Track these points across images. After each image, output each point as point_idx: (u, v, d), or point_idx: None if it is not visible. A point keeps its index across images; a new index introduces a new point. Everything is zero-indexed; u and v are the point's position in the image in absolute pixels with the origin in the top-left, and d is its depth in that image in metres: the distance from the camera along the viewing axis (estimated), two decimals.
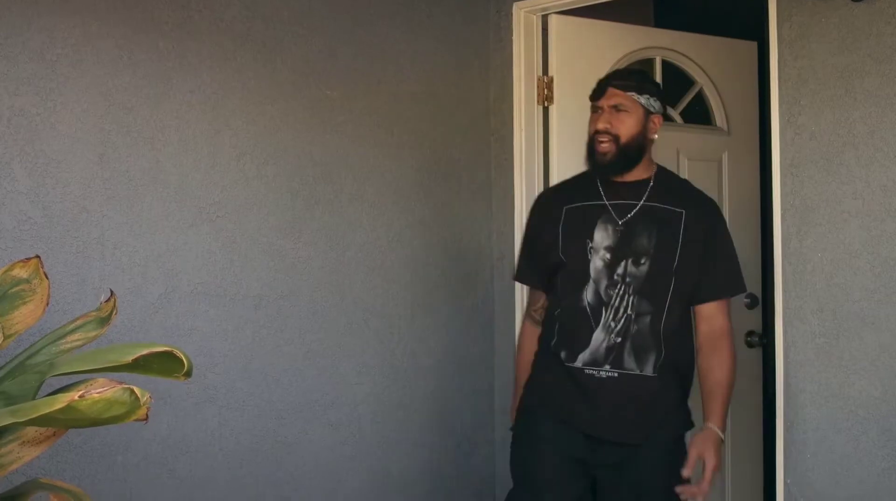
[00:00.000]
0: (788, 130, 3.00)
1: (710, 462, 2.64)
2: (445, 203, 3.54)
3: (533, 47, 3.68)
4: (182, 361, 1.75)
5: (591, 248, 2.73)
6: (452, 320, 3.56)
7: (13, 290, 2.06)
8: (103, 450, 2.66)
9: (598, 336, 2.70)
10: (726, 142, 3.92)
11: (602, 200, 2.77)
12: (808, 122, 2.95)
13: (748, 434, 3.89)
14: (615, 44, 3.69)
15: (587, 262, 2.72)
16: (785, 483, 2.99)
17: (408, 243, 3.42)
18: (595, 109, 2.77)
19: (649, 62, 3.84)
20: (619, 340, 2.69)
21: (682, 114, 3.90)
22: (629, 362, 2.68)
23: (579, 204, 2.80)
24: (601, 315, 2.70)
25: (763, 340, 3.87)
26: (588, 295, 2.72)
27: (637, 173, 2.77)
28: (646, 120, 2.75)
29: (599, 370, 2.69)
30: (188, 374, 1.78)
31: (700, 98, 3.92)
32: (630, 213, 2.73)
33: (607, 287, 2.70)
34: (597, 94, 2.78)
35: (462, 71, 3.63)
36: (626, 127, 2.72)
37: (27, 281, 2.09)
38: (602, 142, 2.72)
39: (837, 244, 2.89)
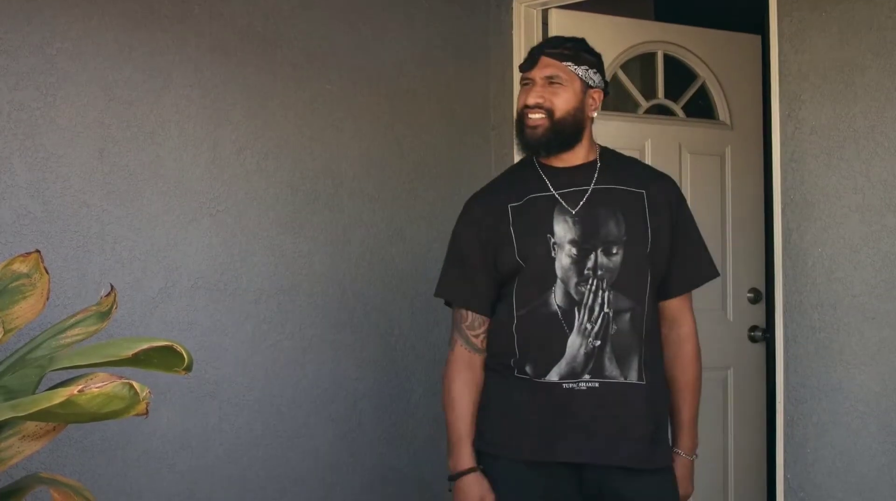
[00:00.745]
0: (789, 125, 2.99)
1: (682, 491, 2.44)
2: (445, 198, 3.54)
3: (533, 42, 3.66)
4: (182, 355, 1.76)
5: (555, 243, 2.36)
6: None
7: (13, 284, 2.07)
8: (104, 445, 2.67)
9: (574, 342, 2.32)
10: (729, 136, 3.91)
11: (549, 190, 2.41)
12: (809, 116, 2.95)
13: (751, 429, 3.89)
14: (616, 38, 3.68)
15: (552, 260, 2.35)
16: (785, 477, 2.99)
17: (408, 237, 3.42)
18: (525, 82, 2.43)
19: (651, 56, 3.84)
20: (599, 343, 2.32)
21: (684, 108, 3.89)
22: (610, 368, 2.32)
23: (526, 198, 2.42)
24: (574, 317, 2.33)
25: (766, 335, 3.87)
26: (557, 297, 2.34)
27: (579, 156, 2.43)
28: (584, 95, 2.40)
29: (578, 382, 2.31)
30: (188, 369, 1.78)
31: (703, 92, 3.92)
32: (581, 200, 2.39)
33: (577, 284, 2.33)
34: (528, 63, 2.43)
35: (462, 66, 3.62)
36: (562, 100, 2.37)
37: (27, 276, 2.09)
38: (532, 116, 2.38)
39: (838, 239, 2.89)
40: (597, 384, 2.32)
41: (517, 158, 3.66)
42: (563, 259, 2.35)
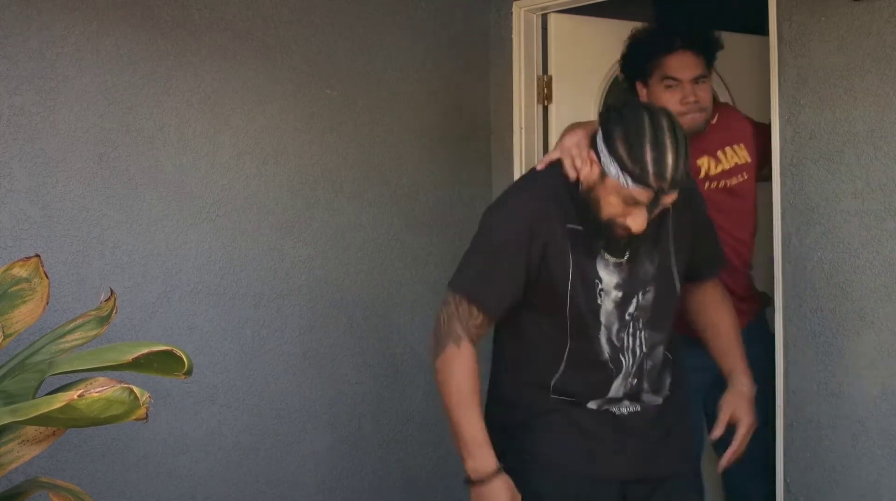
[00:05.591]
0: (788, 129, 2.99)
1: (746, 422, 2.40)
2: (445, 202, 3.54)
3: (533, 46, 3.67)
4: (182, 360, 1.76)
5: (602, 290, 2.17)
6: None
7: (13, 289, 2.07)
8: (103, 449, 2.66)
9: (617, 383, 2.23)
10: None
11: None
12: (808, 121, 2.95)
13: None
14: (617, 42, 3.67)
15: (598, 306, 2.18)
16: (785, 481, 2.99)
17: (407, 242, 3.42)
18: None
19: None
20: (636, 381, 2.23)
21: None
22: (647, 396, 2.26)
23: (577, 226, 2.17)
24: (622, 364, 2.21)
25: None
26: (603, 343, 2.20)
27: None
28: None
29: (620, 406, 2.24)
30: (188, 373, 1.78)
31: None
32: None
33: (619, 331, 2.20)
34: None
35: (462, 70, 3.62)
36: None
37: (27, 280, 2.09)
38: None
39: (837, 243, 2.89)
40: (638, 408, 2.25)
41: (516, 161, 3.69)
42: (608, 305, 2.18)
